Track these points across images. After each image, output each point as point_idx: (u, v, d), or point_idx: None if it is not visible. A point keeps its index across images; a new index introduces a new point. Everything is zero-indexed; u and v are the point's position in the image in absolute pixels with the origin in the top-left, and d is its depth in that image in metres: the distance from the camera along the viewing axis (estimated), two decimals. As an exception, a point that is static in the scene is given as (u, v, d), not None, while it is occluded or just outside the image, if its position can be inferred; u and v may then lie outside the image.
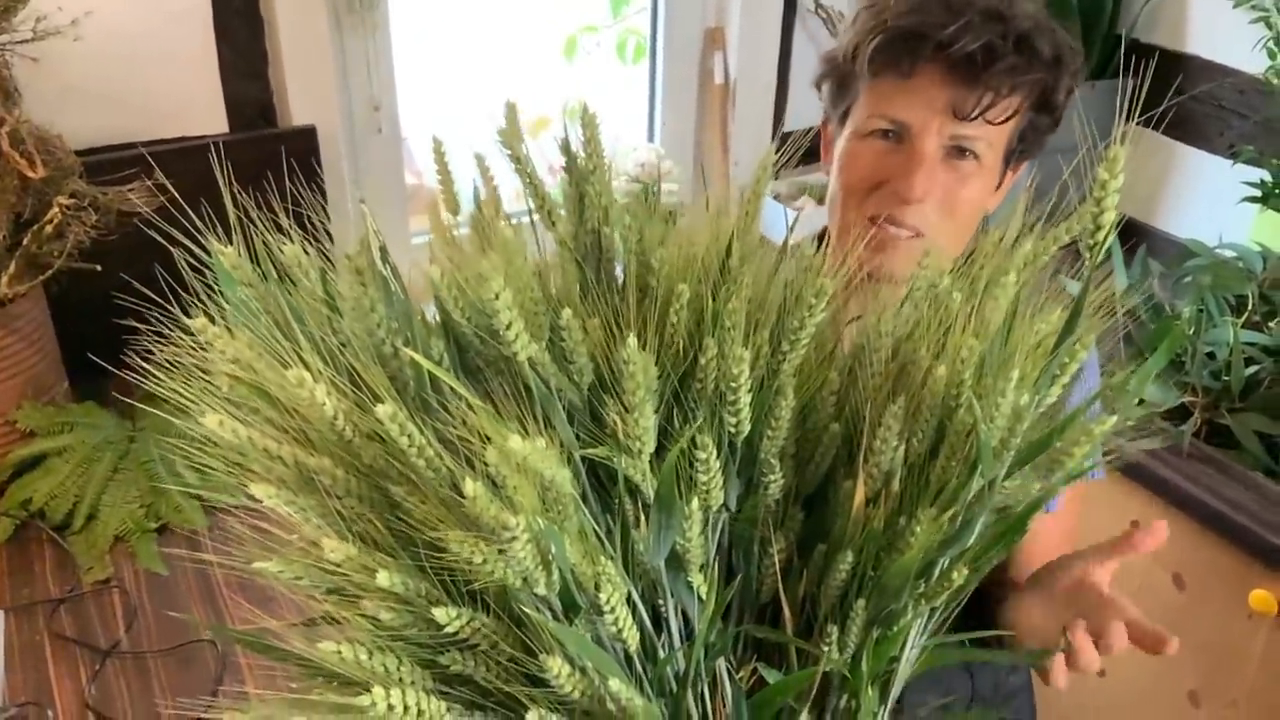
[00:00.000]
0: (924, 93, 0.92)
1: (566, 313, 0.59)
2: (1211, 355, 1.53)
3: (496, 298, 0.52)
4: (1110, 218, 0.54)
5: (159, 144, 1.54)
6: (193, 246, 0.59)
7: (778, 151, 0.67)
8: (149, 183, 1.27)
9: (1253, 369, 1.48)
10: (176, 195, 0.63)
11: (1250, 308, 1.54)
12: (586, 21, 2.13)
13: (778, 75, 2.12)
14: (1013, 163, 1.00)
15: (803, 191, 2.01)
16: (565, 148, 0.65)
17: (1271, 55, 1.75)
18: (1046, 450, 0.60)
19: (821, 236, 1.09)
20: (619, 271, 0.67)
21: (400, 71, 1.80)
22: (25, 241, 1.28)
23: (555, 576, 0.50)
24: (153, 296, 0.58)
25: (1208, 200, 2.00)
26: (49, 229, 1.27)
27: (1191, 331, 1.52)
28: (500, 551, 0.47)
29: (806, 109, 2.12)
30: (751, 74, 2.10)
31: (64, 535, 1.30)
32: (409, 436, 0.51)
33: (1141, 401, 1.52)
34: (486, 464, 0.49)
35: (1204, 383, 1.49)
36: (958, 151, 0.94)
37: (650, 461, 0.57)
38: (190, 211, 0.58)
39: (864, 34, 0.95)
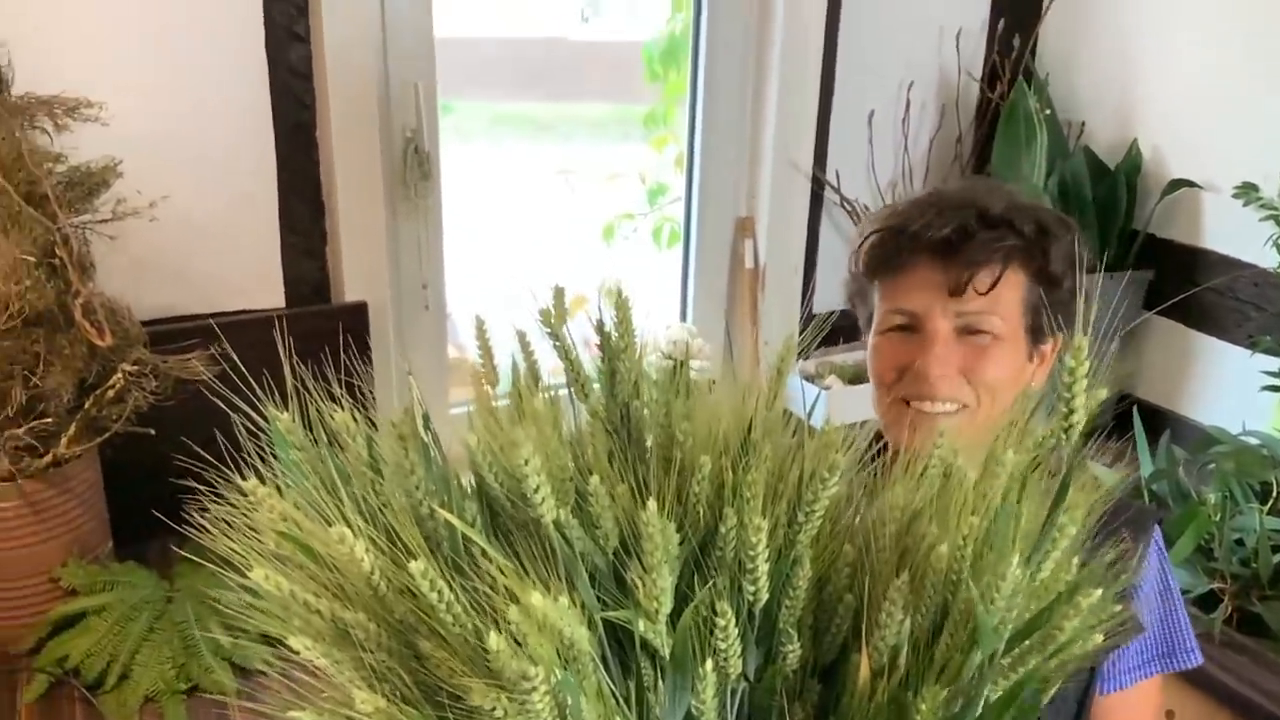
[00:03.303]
0: (919, 279, 1.06)
1: (594, 479, 0.62)
2: (1240, 542, 1.53)
3: (526, 463, 0.56)
4: (1080, 402, 0.57)
5: (220, 316, 1.62)
6: (249, 410, 0.64)
7: (803, 332, 0.73)
8: (210, 350, 1.35)
9: (1281, 556, 1.47)
10: (236, 363, 0.69)
11: (1276, 494, 1.55)
12: (625, 209, 2.25)
13: (805, 261, 2.21)
14: (1042, 337, 1.08)
15: (830, 371, 2.06)
16: (599, 328, 0.71)
17: (1280, 250, 1.82)
18: (1043, 627, 0.62)
19: (878, 436, 1.15)
20: (648, 443, 0.72)
21: (448, 251, 1.91)
22: (86, 405, 1.35)
23: (572, 731, 0.53)
24: (207, 458, 0.63)
25: (1229, 389, 2.03)
26: (110, 394, 1.34)
27: (1218, 518, 1.53)
28: (520, 703, 0.50)
29: (833, 293, 2.19)
30: (780, 259, 2.18)
31: (96, 694, 1.32)
32: (439, 592, 0.54)
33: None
34: (510, 622, 0.52)
35: (1233, 570, 1.49)
36: (970, 330, 1.05)
37: (667, 623, 0.59)
38: (246, 379, 0.64)
39: (860, 241, 1.11)
